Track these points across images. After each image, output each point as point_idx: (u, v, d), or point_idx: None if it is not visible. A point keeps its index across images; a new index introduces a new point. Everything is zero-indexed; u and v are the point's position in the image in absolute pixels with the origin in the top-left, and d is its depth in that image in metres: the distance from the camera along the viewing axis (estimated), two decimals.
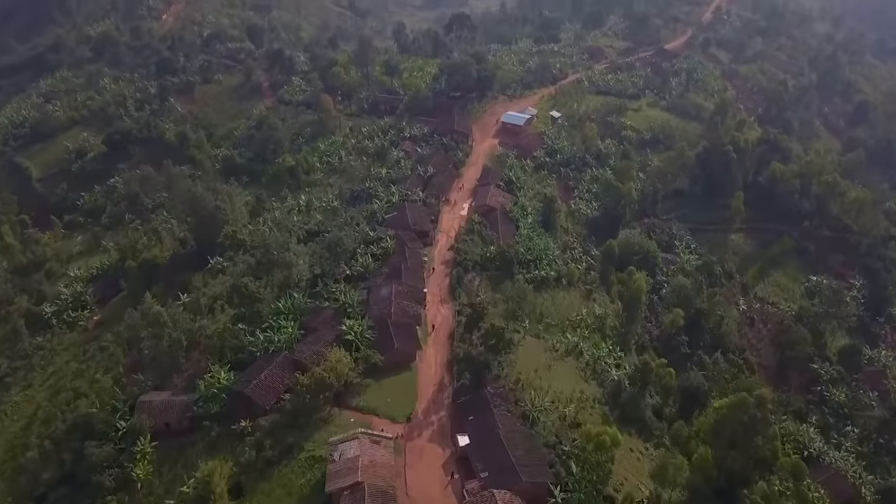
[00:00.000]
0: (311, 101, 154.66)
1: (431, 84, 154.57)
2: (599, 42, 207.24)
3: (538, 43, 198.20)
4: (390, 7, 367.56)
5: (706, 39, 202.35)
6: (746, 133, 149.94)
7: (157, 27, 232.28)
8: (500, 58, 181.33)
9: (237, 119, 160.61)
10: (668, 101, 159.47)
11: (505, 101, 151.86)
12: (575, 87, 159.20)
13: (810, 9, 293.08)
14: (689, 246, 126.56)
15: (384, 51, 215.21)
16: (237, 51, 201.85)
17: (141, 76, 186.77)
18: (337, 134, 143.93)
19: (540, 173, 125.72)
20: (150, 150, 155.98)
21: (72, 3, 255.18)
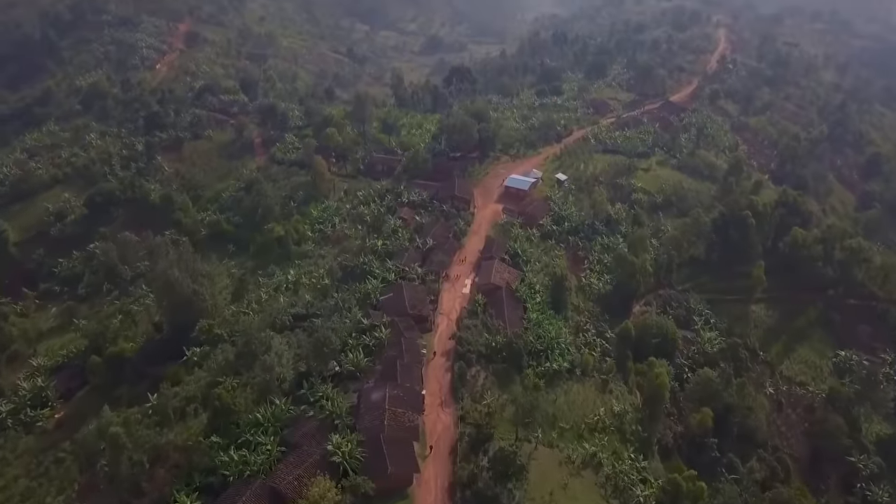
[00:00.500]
0: (305, 161, 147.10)
1: (431, 144, 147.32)
2: (603, 94, 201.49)
3: (541, 96, 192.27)
4: (389, 53, 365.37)
5: (714, 92, 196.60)
6: (763, 194, 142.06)
7: (149, 78, 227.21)
8: (502, 113, 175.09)
9: (226, 179, 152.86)
10: (679, 160, 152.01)
11: (508, 161, 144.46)
12: (581, 146, 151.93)
13: (814, 55, 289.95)
14: (709, 321, 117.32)
15: (382, 102, 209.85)
16: (230, 104, 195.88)
17: (129, 131, 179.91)
18: (331, 197, 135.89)
19: (547, 243, 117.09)
20: (133, 212, 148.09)
21: (65, 52, 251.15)
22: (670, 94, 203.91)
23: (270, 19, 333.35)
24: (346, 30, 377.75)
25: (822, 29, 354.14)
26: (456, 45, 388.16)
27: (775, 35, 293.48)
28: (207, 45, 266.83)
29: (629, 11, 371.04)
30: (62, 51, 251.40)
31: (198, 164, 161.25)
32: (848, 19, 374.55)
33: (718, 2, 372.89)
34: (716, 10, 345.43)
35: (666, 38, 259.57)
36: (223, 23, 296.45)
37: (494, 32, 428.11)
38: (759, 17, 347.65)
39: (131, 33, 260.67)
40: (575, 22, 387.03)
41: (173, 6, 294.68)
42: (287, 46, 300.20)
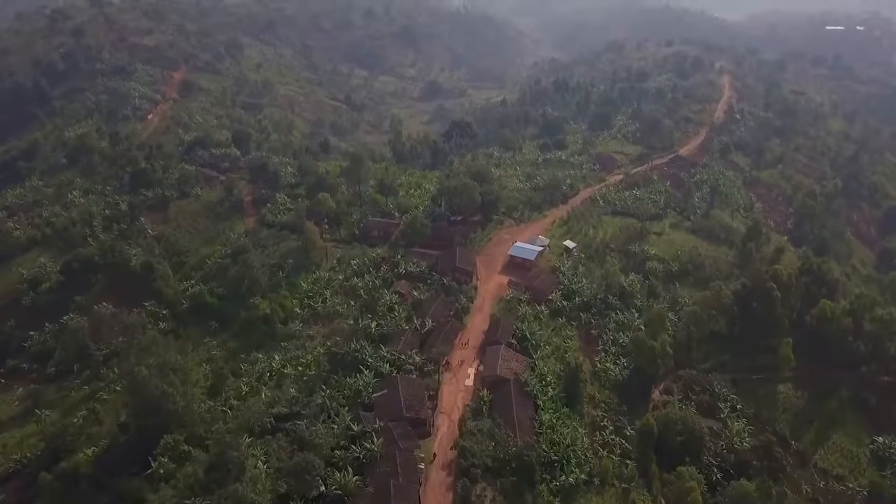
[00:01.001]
0: (296, 225, 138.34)
1: (430, 207, 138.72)
2: (609, 147, 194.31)
3: (544, 150, 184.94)
4: (387, 99, 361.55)
5: (725, 146, 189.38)
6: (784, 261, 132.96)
7: (140, 129, 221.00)
8: (505, 170, 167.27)
9: (213, 243, 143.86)
10: (693, 222, 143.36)
11: (512, 225, 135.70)
12: (589, 208, 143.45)
13: (820, 103, 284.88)
14: (736, 407, 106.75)
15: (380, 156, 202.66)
16: (221, 158, 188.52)
17: (114, 188, 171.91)
18: (323, 266, 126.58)
19: (557, 321, 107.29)
20: (113, 279, 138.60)
21: (56, 101, 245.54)
22: (678, 147, 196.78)
23: (268, 66, 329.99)
24: (344, 75, 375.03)
25: (825, 75, 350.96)
26: (455, 91, 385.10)
27: (780, 82, 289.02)
28: (202, 94, 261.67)
29: (630, 57, 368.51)
30: (54, 100, 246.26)
31: (183, 226, 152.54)
32: (851, 65, 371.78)
33: (720, 48, 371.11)
34: (717, 57, 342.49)
35: (671, 86, 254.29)
36: (219, 70, 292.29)
37: (494, 77, 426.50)
38: (761, 62, 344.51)
39: (125, 82, 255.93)
40: (575, 67, 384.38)
41: (169, 54, 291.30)
42: (284, 94, 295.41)
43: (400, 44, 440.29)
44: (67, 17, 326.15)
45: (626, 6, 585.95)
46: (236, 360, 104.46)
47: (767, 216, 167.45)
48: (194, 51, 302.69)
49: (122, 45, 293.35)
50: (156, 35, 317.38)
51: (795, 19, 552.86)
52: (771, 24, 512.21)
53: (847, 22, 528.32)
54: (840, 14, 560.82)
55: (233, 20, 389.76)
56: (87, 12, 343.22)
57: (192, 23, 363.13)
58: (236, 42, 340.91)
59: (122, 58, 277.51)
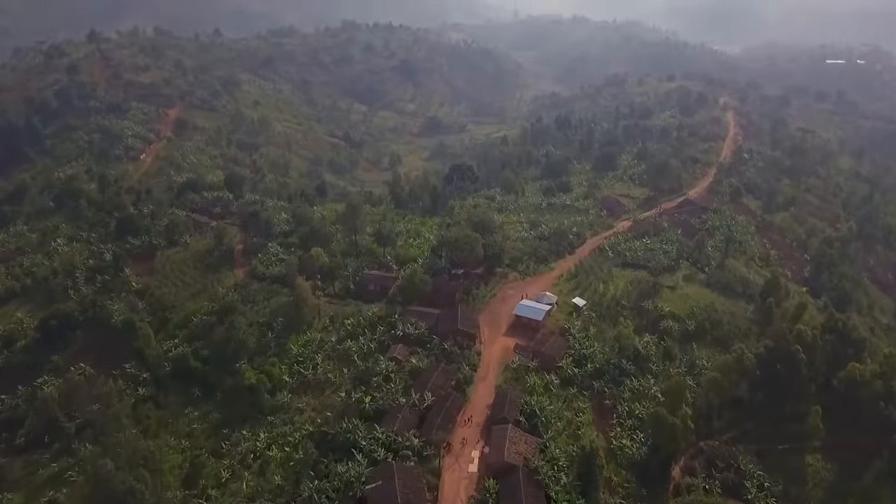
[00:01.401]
0: (288, 278, 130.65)
1: (430, 259, 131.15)
2: (615, 190, 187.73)
3: (548, 194, 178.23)
4: (387, 135, 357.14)
5: (736, 189, 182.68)
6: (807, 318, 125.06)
7: (131, 170, 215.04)
8: (508, 216, 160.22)
9: (200, 297, 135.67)
10: (708, 275, 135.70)
11: (517, 279, 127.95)
12: (597, 260, 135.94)
13: (827, 140, 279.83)
14: (763, 485, 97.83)
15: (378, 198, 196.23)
16: (213, 202, 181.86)
17: (100, 236, 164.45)
18: (315, 324, 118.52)
19: (568, 391, 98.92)
20: (93, 337, 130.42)
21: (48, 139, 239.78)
22: (687, 189, 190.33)
23: (266, 102, 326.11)
24: (343, 111, 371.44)
25: (829, 110, 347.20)
26: (455, 126, 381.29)
27: (786, 119, 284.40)
28: (197, 133, 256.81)
29: (631, 92, 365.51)
30: (46, 138, 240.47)
31: (170, 277, 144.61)
32: (855, 100, 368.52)
33: (722, 82, 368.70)
34: (720, 92, 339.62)
35: (676, 125, 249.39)
36: (215, 108, 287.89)
37: (494, 112, 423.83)
38: (764, 98, 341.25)
39: (118, 120, 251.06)
40: (576, 102, 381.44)
41: (165, 91, 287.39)
42: (281, 131, 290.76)
43: (399, 78, 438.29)
44: (63, 53, 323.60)
45: (625, 40, 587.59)
46: (218, 436, 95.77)
47: (783, 264, 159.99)
48: (191, 88, 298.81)
49: (117, 83, 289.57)
50: (152, 71, 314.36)
51: (795, 52, 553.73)
52: (771, 57, 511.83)
53: (847, 55, 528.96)
54: (839, 47, 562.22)
55: (232, 56, 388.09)
56: (83, 48, 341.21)
57: (190, 59, 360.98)
58: (234, 78, 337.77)
59: (117, 95, 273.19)
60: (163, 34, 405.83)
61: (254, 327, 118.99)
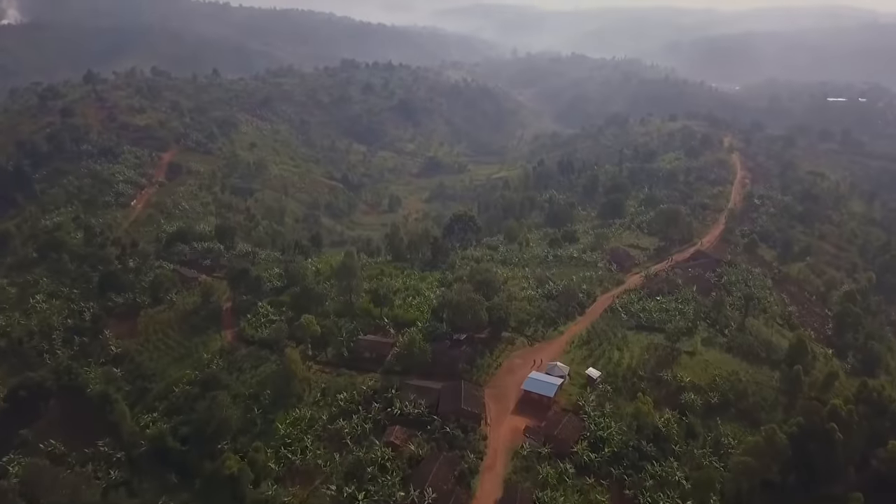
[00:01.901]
0: (278, 342, 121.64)
1: (430, 323, 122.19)
2: (623, 240, 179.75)
3: (553, 245, 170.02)
4: (386, 176, 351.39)
5: (751, 240, 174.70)
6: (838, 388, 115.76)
7: (121, 218, 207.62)
8: (512, 270, 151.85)
9: (183, 363, 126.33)
10: (729, 338, 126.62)
11: (524, 346, 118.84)
12: (610, 322, 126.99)
13: (837, 182, 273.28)
14: None
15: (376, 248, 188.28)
16: (203, 253, 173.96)
17: (81, 292, 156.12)
18: (305, 397, 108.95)
19: (584, 481, 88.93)
20: (66, 408, 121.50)
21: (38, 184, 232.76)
22: (698, 239, 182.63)
23: (263, 144, 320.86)
24: (342, 151, 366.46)
25: (835, 150, 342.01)
26: (455, 167, 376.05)
27: (794, 161, 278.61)
28: (191, 177, 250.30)
29: (634, 133, 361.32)
30: (35, 183, 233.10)
31: (152, 340, 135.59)
32: (860, 139, 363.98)
33: (725, 122, 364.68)
34: (724, 132, 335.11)
35: (683, 169, 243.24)
36: (211, 150, 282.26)
37: (494, 151, 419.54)
38: (770, 138, 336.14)
39: (110, 165, 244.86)
40: (578, 143, 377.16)
41: (159, 134, 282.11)
42: (277, 174, 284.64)
43: (399, 118, 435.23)
44: (58, 95, 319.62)
45: (625, 78, 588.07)
46: None
47: (804, 321, 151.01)
48: (186, 130, 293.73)
49: (111, 125, 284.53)
50: (148, 113, 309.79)
51: (795, 90, 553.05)
52: (772, 95, 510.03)
53: (847, 93, 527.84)
54: (839, 85, 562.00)
55: (229, 96, 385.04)
56: (79, 89, 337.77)
57: (188, 99, 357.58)
58: (231, 119, 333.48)
59: (111, 138, 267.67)
60: (160, 74, 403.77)
61: (239, 401, 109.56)
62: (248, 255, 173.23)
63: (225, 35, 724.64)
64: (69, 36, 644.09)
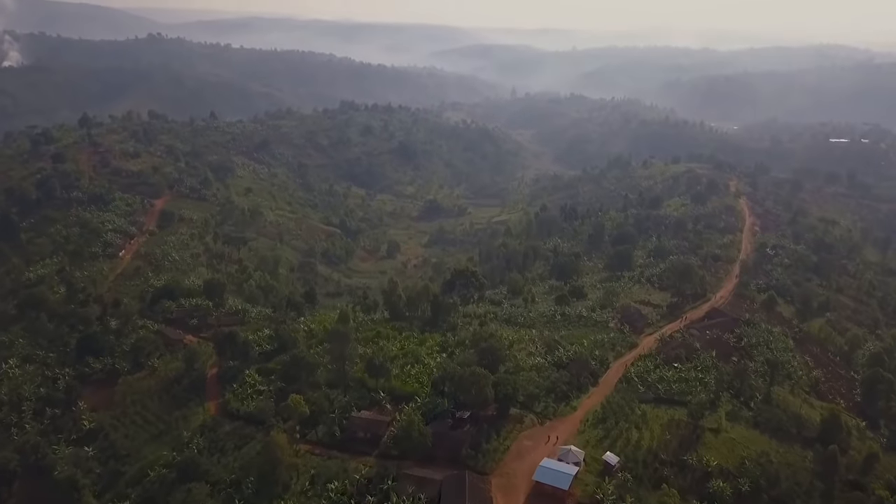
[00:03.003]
0: (264, 419, 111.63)
1: (430, 399, 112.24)
2: (633, 295, 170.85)
3: (560, 303, 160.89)
4: (385, 220, 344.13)
5: (770, 297, 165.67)
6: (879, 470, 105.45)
7: (107, 270, 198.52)
8: (518, 332, 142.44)
9: (162, 440, 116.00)
10: (755, 411, 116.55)
11: (533, 423, 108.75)
12: (626, 395, 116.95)
13: (848, 229, 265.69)
14: None
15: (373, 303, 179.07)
16: (190, 311, 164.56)
17: (58, 357, 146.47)
18: (293, 486, 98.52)
19: None
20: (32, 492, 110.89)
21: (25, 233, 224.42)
22: (711, 293, 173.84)
23: (259, 189, 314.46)
24: (340, 195, 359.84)
25: (843, 194, 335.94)
26: (455, 210, 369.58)
27: (803, 206, 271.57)
28: (183, 225, 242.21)
29: (637, 176, 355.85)
30: (22, 232, 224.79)
31: (129, 413, 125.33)
32: (866, 181, 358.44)
33: (729, 165, 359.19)
34: (728, 175, 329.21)
35: (692, 217, 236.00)
36: (205, 197, 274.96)
37: (494, 194, 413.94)
38: (775, 181, 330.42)
39: (100, 213, 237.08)
40: (580, 186, 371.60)
41: (153, 180, 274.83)
42: (273, 221, 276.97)
43: (398, 160, 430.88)
44: (52, 139, 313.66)
45: (625, 119, 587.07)
46: None
47: (830, 386, 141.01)
48: (181, 175, 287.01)
49: (104, 171, 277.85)
50: (143, 158, 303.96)
51: (796, 131, 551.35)
52: (773, 136, 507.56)
53: (849, 133, 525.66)
54: (840, 125, 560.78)
55: (227, 139, 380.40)
56: (74, 133, 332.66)
57: (184, 143, 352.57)
58: (227, 163, 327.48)
59: (102, 185, 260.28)
60: (157, 118, 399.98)
61: (219, 489, 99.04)
62: (238, 314, 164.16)
63: (225, 77, 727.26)
64: (69, 78, 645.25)
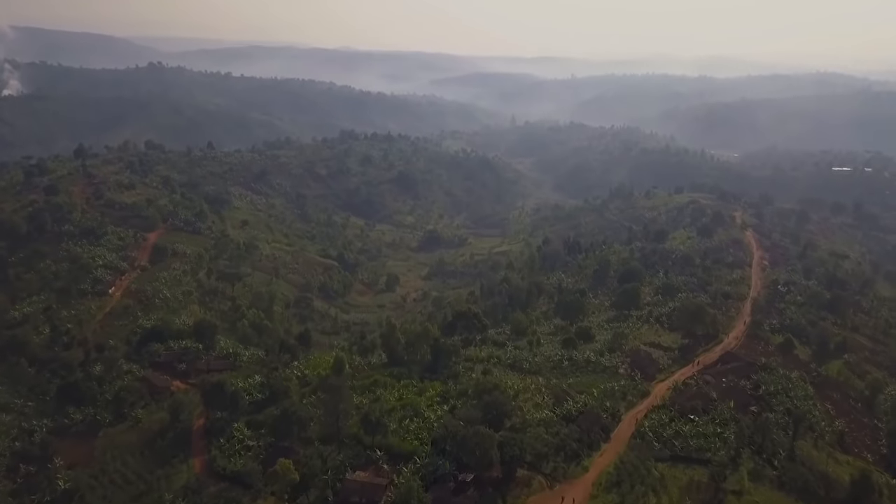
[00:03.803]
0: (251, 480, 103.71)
1: (431, 458, 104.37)
2: (643, 337, 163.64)
3: (567, 346, 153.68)
4: (384, 251, 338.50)
5: (787, 340, 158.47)
6: None
7: (94, 309, 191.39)
8: (524, 381, 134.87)
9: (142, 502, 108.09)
10: (779, 470, 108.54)
11: (542, 486, 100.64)
12: (641, 453, 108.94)
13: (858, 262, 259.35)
14: None
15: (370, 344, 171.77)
16: (179, 354, 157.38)
17: (37, 405, 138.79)
18: None
19: None
20: None
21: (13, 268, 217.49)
22: (723, 333, 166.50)
23: (255, 221, 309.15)
24: (339, 226, 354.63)
25: (849, 224, 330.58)
26: (455, 240, 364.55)
27: (812, 239, 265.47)
28: (176, 260, 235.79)
29: (640, 207, 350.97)
30: (10, 267, 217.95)
31: (109, 471, 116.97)
32: (872, 212, 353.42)
33: (732, 194, 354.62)
34: (733, 205, 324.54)
35: (699, 251, 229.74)
36: (200, 230, 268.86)
37: (495, 224, 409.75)
38: (781, 212, 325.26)
39: (91, 247, 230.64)
40: (582, 216, 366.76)
41: (147, 212, 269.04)
42: (269, 254, 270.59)
43: (398, 190, 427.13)
44: (45, 170, 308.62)
45: (625, 147, 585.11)
46: None
47: (854, 437, 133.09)
48: (176, 208, 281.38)
49: (97, 203, 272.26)
50: (138, 189, 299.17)
51: (797, 158, 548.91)
52: (775, 164, 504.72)
53: (850, 161, 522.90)
54: (842, 153, 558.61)
55: (224, 170, 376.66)
56: (69, 164, 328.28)
57: (181, 174, 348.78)
58: (224, 194, 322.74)
59: (95, 218, 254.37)
60: (154, 148, 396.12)
61: None
62: (229, 357, 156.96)
63: (224, 105, 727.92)
64: (69, 107, 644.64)
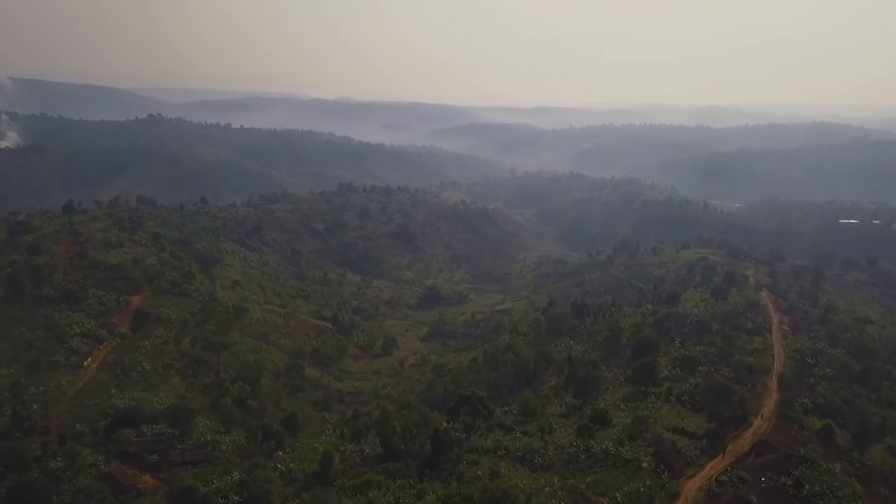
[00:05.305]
0: None
1: None
2: (664, 419, 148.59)
3: (583, 433, 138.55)
4: (381, 309, 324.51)
5: (827, 427, 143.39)
6: None
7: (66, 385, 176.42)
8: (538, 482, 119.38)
9: None
10: None
11: None
12: None
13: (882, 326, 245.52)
14: None
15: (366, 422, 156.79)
16: (152, 443, 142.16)
17: None
18: None
19: None
20: None
21: None
22: (752, 415, 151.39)
23: (247, 280, 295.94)
24: (335, 283, 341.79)
25: (865, 282, 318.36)
26: (455, 296, 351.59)
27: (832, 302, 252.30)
28: (159, 327, 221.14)
29: (646, 263, 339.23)
30: None
31: None
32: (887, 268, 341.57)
33: (741, 250, 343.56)
34: (744, 262, 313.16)
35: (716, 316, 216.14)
36: (187, 292, 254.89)
37: (496, 279, 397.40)
38: (794, 269, 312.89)
39: (71, 312, 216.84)
40: (586, 272, 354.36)
41: (132, 274, 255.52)
42: (259, 318, 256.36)
43: (396, 243, 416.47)
44: (30, 228, 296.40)
45: (626, 199, 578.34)
46: None
47: None
48: (163, 268, 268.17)
49: (80, 264, 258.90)
50: (125, 247, 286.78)
51: (801, 209, 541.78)
52: (780, 217, 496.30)
53: (857, 212, 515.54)
54: (847, 204, 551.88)
55: (217, 225, 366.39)
56: (56, 221, 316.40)
57: (172, 229, 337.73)
58: (215, 253, 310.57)
59: (77, 280, 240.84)
60: (146, 203, 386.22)
61: None
62: (207, 445, 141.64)
63: (223, 156, 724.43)
64: (65, 159, 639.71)
